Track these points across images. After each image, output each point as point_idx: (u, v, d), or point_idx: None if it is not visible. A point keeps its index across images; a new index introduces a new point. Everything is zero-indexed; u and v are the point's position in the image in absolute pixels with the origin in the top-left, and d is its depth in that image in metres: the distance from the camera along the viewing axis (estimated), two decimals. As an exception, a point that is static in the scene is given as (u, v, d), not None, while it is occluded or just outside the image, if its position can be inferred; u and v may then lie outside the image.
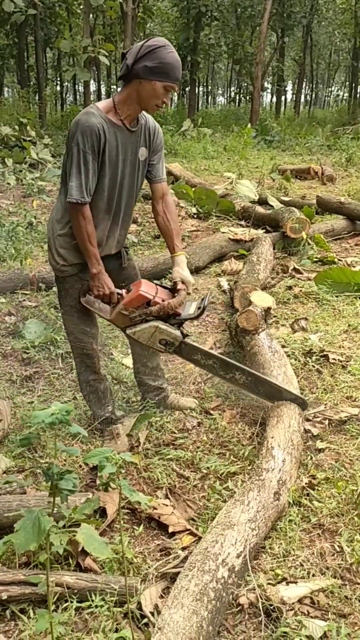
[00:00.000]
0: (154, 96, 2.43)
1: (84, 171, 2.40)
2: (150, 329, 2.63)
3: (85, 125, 2.38)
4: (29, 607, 1.93)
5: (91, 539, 1.45)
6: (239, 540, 2.04)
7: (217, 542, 2.00)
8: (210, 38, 25.61)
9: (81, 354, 2.78)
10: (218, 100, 54.17)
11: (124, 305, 2.61)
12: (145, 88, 2.40)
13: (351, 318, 4.35)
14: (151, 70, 2.36)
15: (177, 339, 2.69)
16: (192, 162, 12.29)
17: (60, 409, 1.42)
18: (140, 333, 2.64)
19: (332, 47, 39.04)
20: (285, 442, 2.59)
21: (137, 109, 2.49)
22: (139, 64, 2.37)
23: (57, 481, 1.48)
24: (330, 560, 2.16)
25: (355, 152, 12.68)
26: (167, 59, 2.38)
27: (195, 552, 1.98)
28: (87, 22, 13.49)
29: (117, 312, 2.63)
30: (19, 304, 4.54)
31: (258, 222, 6.86)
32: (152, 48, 2.36)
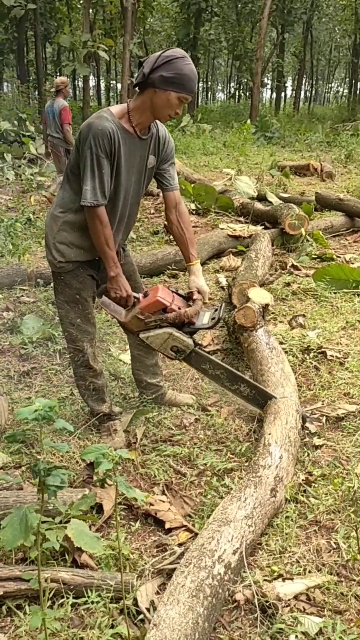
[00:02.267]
0: (168, 106, 2.44)
1: (98, 175, 2.40)
2: (164, 335, 2.64)
3: (98, 129, 2.38)
4: (25, 603, 1.93)
5: (81, 534, 1.44)
6: (235, 537, 2.04)
7: (213, 539, 2.00)
8: (210, 34, 25.56)
9: (75, 350, 2.77)
10: (218, 96, 54.07)
11: (141, 309, 2.61)
12: (160, 98, 2.41)
13: (349, 315, 4.34)
14: (167, 81, 2.37)
15: (189, 347, 2.70)
16: (191, 158, 12.28)
17: (44, 405, 1.42)
18: (153, 338, 2.65)
19: (332, 43, 38.98)
20: (282, 439, 2.58)
21: (150, 117, 2.50)
22: (155, 73, 2.37)
23: (44, 477, 1.47)
24: (327, 556, 2.16)
25: (354, 148, 12.66)
26: (184, 70, 2.39)
27: (191, 549, 1.98)
28: (86, 17, 13.45)
29: (132, 316, 2.63)
30: (17, 300, 4.53)
31: (257, 218, 6.85)
32: (169, 58, 2.37)
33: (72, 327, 2.73)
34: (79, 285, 2.67)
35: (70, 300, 2.69)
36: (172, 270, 5.30)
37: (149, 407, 3.07)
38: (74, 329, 2.73)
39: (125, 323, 2.67)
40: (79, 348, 2.76)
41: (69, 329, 2.75)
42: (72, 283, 2.66)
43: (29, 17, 18.49)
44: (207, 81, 42.69)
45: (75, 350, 2.78)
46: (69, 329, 2.75)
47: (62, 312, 2.75)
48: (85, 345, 2.75)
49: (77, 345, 2.76)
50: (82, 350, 2.76)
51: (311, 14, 26.33)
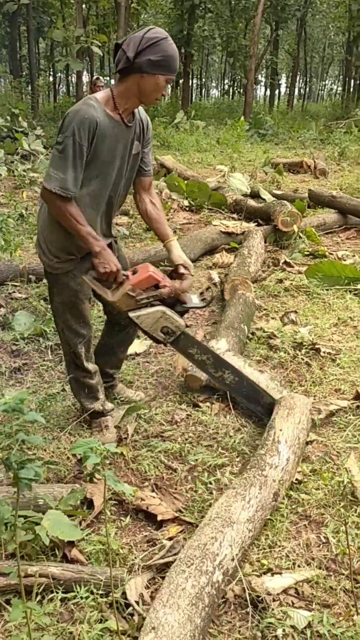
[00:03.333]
0: (157, 90, 2.37)
1: (80, 164, 2.34)
2: (157, 314, 2.51)
3: (84, 117, 2.30)
4: (15, 598, 1.92)
5: (58, 523, 1.44)
6: (236, 542, 2.01)
7: (216, 540, 1.95)
8: (204, 30, 25.50)
9: (69, 352, 2.72)
10: (211, 92, 54.00)
11: (132, 285, 2.47)
12: (149, 82, 2.33)
13: (341, 311, 4.36)
14: (155, 64, 2.29)
15: (180, 328, 2.60)
16: (184, 154, 12.26)
17: (14, 397, 1.41)
18: (144, 317, 2.51)
19: (326, 40, 38.99)
20: (293, 439, 2.53)
21: (136, 102, 2.43)
22: (141, 57, 2.29)
23: (17, 470, 1.46)
24: (316, 551, 2.17)
25: (348, 146, 12.69)
26: (169, 51, 2.32)
27: (192, 544, 1.94)
28: (80, 12, 13.40)
29: (123, 293, 2.48)
30: (9, 296, 4.51)
31: (250, 215, 6.85)
32: (154, 40, 2.28)
33: (68, 329, 2.67)
34: (76, 287, 2.59)
35: (66, 302, 2.61)
36: (166, 267, 5.29)
37: (141, 403, 3.07)
38: (69, 331, 2.67)
39: (115, 302, 2.51)
40: (73, 350, 2.70)
41: (64, 331, 2.69)
42: (69, 284, 2.58)
43: (21, 12, 18.40)
44: (200, 78, 42.63)
45: (69, 352, 2.72)
46: (64, 331, 2.69)
47: (57, 314, 2.69)
48: (79, 347, 2.69)
49: (71, 347, 2.70)
50: (76, 353, 2.70)
51: (305, 11, 26.33)
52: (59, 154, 2.33)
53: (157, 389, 3.30)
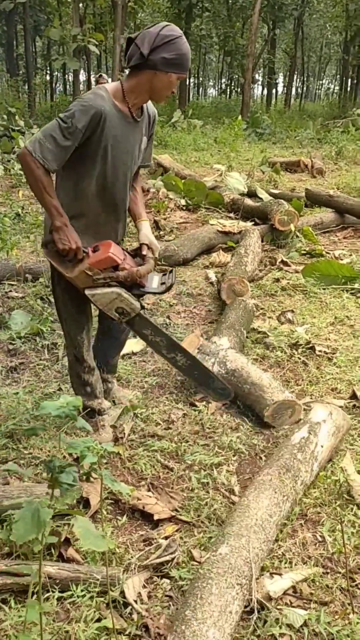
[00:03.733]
0: (168, 88, 2.37)
1: (69, 146, 2.28)
2: (112, 295, 2.50)
3: (89, 104, 2.27)
4: (10, 597, 1.92)
5: (87, 532, 1.44)
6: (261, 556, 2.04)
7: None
8: (201, 29, 25.50)
9: (71, 342, 2.73)
10: (209, 91, 53.98)
11: (90, 265, 2.44)
12: (161, 80, 2.33)
13: (338, 310, 4.36)
14: (169, 62, 2.29)
15: (135, 310, 2.57)
16: (182, 153, 12.25)
17: (69, 403, 1.42)
18: (99, 297, 2.50)
19: (323, 40, 38.99)
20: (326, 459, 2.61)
21: (146, 98, 2.43)
22: (155, 54, 2.28)
23: (57, 474, 1.47)
24: (312, 549, 2.17)
25: (345, 145, 12.70)
26: (183, 50, 2.31)
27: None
28: (76, 11, 13.38)
29: (80, 271, 2.45)
30: (5, 295, 4.51)
31: (247, 214, 6.86)
32: (170, 39, 2.28)
33: (70, 319, 2.68)
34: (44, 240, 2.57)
35: (74, 297, 2.61)
36: (162, 266, 5.29)
37: (137, 403, 3.07)
38: (71, 320, 2.69)
39: (72, 278, 2.48)
40: (74, 340, 2.71)
41: (66, 321, 2.70)
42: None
43: (18, 10, 18.37)
44: (198, 77, 42.60)
45: (70, 342, 2.73)
46: (66, 321, 2.70)
47: (59, 304, 2.70)
48: (79, 337, 2.70)
49: (72, 337, 2.71)
50: (77, 342, 2.71)
51: (302, 11, 26.31)
52: (53, 126, 2.28)
53: (153, 388, 3.30)
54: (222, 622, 1.71)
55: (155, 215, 6.94)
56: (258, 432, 2.94)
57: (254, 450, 2.79)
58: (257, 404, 3.00)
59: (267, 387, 2.98)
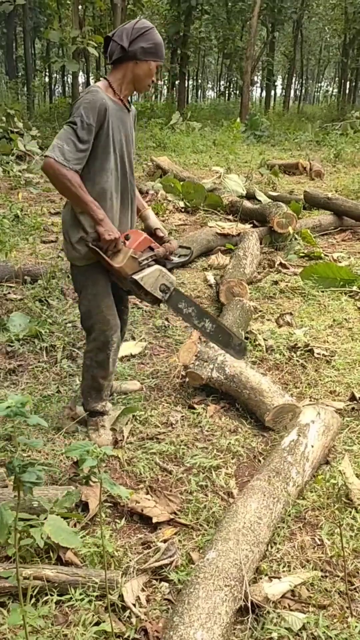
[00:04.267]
0: (149, 75, 2.57)
1: (87, 143, 2.43)
2: (156, 273, 2.66)
3: (93, 100, 2.43)
4: (8, 601, 1.92)
5: (59, 529, 1.44)
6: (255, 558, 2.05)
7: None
8: (200, 32, 25.52)
9: (99, 347, 2.70)
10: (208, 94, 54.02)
11: (134, 249, 2.58)
12: (142, 68, 2.53)
13: (336, 313, 4.37)
14: (147, 51, 2.50)
15: (173, 283, 2.74)
16: (180, 155, 12.25)
17: (16, 401, 1.40)
18: (147, 278, 2.63)
19: (322, 42, 39.09)
20: (318, 460, 2.62)
21: (132, 88, 2.61)
22: (134, 45, 2.48)
23: (19, 474, 1.45)
24: (311, 553, 2.17)
25: (343, 148, 12.71)
26: (157, 39, 2.54)
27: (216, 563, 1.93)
28: (76, 13, 13.39)
29: (127, 257, 2.56)
30: (4, 297, 4.50)
31: (245, 216, 6.86)
32: (144, 30, 2.50)
33: (101, 322, 2.68)
34: (105, 277, 2.67)
35: (101, 292, 2.66)
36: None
37: (135, 404, 3.07)
38: (102, 323, 2.68)
39: (121, 267, 2.57)
40: (100, 346, 2.70)
41: (96, 325, 2.69)
42: (99, 274, 2.65)
43: (18, 12, 18.39)
44: (197, 79, 42.65)
45: (95, 348, 2.71)
46: (96, 325, 2.69)
47: (90, 306, 2.68)
48: (112, 338, 2.71)
49: (102, 339, 2.69)
50: (109, 344, 2.71)
51: (301, 13, 26.39)
52: (66, 131, 2.42)
53: (151, 390, 3.30)
54: (210, 623, 1.70)
55: (154, 218, 6.94)
56: (256, 435, 2.94)
57: (253, 453, 2.79)
58: (257, 409, 3.00)
59: (267, 391, 2.98)
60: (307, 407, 2.86)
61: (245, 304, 4.03)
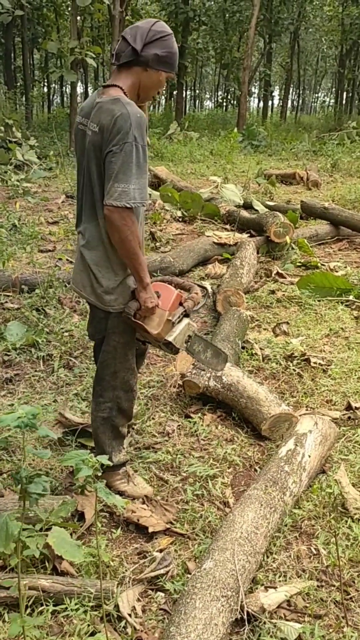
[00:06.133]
0: (158, 86, 2.27)
1: (144, 170, 2.12)
2: (185, 328, 2.42)
3: (139, 117, 2.09)
4: (4, 611, 1.91)
5: (63, 542, 1.44)
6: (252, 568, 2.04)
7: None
8: (198, 42, 25.68)
9: (121, 394, 2.44)
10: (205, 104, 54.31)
11: (169, 311, 2.34)
12: (152, 78, 2.22)
13: (333, 322, 4.38)
14: (161, 60, 2.19)
15: (195, 331, 2.51)
16: (178, 165, 12.31)
17: (27, 412, 1.41)
18: (179, 337, 2.39)
19: (319, 53, 39.36)
20: (315, 470, 2.62)
21: (137, 97, 2.27)
22: (148, 50, 2.16)
23: (26, 485, 1.46)
24: (307, 562, 2.17)
25: (340, 157, 12.78)
26: (174, 48, 2.23)
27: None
28: (74, 24, 13.48)
29: (164, 321, 2.32)
30: (1, 306, 4.50)
31: (243, 226, 6.89)
32: (162, 35, 2.18)
33: (125, 369, 2.42)
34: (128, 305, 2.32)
35: (129, 341, 2.40)
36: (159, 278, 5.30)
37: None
38: (126, 371, 2.42)
39: (159, 333, 2.33)
40: (125, 393, 2.45)
41: (118, 373, 2.41)
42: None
43: (16, 23, 18.50)
44: (194, 89, 42.89)
45: (118, 396, 2.44)
46: (118, 373, 2.41)
47: (116, 355, 2.39)
48: (133, 384, 2.48)
49: (126, 388, 2.45)
50: (132, 389, 2.48)
51: (298, 25, 26.58)
52: (128, 164, 2.07)
53: (148, 399, 3.30)
54: (207, 634, 1.70)
55: (152, 227, 6.97)
56: (253, 444, 2.94)
57: (249, 462, 2.79)
58: (254, 418, 3.00)
59: (264, 400, 2.99)
60: (305, 416, 2.87)
61: (242, 314, 4.04)
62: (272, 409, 2.95)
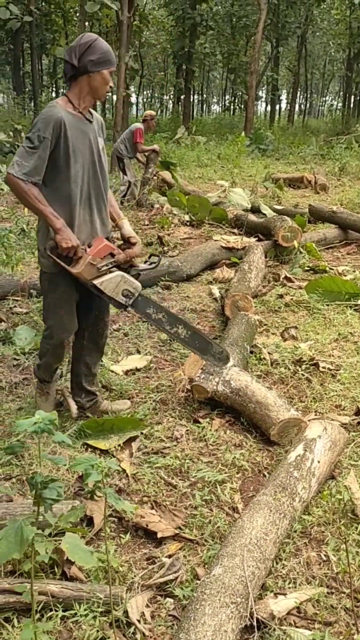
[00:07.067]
0: (105, 84, 2.70)
1: (43, 155, 2.58)
2: (117, 278, 2.80)
3: (48, 115, 2.59)
4: (13, 616, 1.91)
5: (76, 548, 1.44)
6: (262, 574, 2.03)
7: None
8: (205, 47, 25.79)
9: (54, 344, 2.94)
10: (213, 108, 54.42)
11: (93, 255, 2.74)
12: (96, 79, 2.66)
13: (341, 327, 4.36)
14: (96, 62, 2.62)
15: (137, 289, 2.87)
16: (185, 169, 12.33)
17: (44, 418, 1.42)
18: (107, 283, 2.78)
19: (326, 57, 39.38)
20: (324, 475, 2.61)
21: (91, 99, 2.74)
22: (83, 60, 2.61)
23: (41, 490, 1.47)
24: (317, 569, 2.16)
25: (348, 161, 12.77)
26: (104, 47, 2.64)
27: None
28: (82, 30, 13.53)
29: (86, 264, 2.73)
30: (10, 310, 4.52)
31: (250, 230, 6.89)
32: (89, 43, 2.62)
33: (58, 325, 2.90)
34: (68, 286, 2.83)
35: (59, 298, 2.85)
36: (166, 282, 5.32)
37: (139, 417, 3.07)
38: (58, 326, 2.90)
39: (80, 272, 2.75)
40: (56, 343, 2.94)
41: (52, 327, 2.92)
42: (62, 283, 2.81)
43: (25, 29, 18.62)
44: (202, 94, 43.00)
45: (51, 344, 2.95)
46: (52, 327, 2.92)
47: (50, 310, 2.91)
48: (65, 341, 2.96)
49: (56, 341, 2.93)
50: (59, 346, 2.95)
51: (305, 28, 26.61)
52: (25, 146, 2.59)
53: (156, 404, 3.30)
54: None
55: (159, 231, 6.98)
56: (261, 449, 2.93)
57: (258, 468, 2.78)
58: (263, 423, 2.99)
59: (273, 405, 2.98)
60: (314, 422, 2.85)
61: (251, 318, 4.04)
62: (281, 414, 2.94)
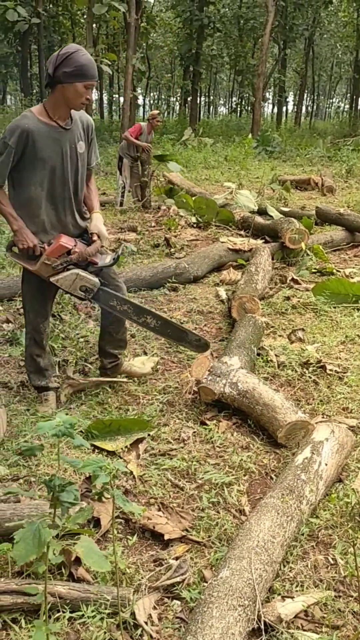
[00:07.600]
0: (78, 96, 2.73)
1: (7, 162, 2.73)
2: (72, 276, 2.95)
3: (15, 125, 2.74)
4: (20, 617, 1.92)
5: (91, 551, 1.45)
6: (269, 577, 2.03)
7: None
8: (212, 49, 25.82)
9: (32, 330, 3.14)
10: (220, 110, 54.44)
11: (47, 255, 2.88)
12: (69, 90, 2.71)
13: (349, 329, 4.35)
14: (70, 75, 2.67)
15: (95, 285, 3.01)
16: (192, 171, 12.34)
17: (65, 421, 1.43)
18: (62, 280, 2.94)
19: (333, 59, 39.35)
20: (331, 479, 2.60)
21: (67, 109, 2.81)
22: (58, 71, 2.67)
23: (58, 493, 1.48)
24: (324, 572, 2.15)
25: (355, 163, 12.75)
26: (81, 61, 2.66)
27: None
28: (90, 32, 13.58)
29: (41, 263, 2.89)
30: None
31: (257, 232, 6.88)
32: (66, 55, 2.66)
33: (32, 310, 3.12)
34: (39, 279, 2.99)
35: (34, 288, 3.06)
36: (172, 283, 5.32)
37: (145, 417, 3.07)
38: (33, 312, 3.12)
39: (36, 270, 2.92)
40: (34, 328, 3.14)
41: (29, 313, 3.13)
42: (33, 276, 2.99)
43: (32, 31, 18.68)
44: (209, 95, 43.03)
45: (30, 330, 3.15)
46: (29, 313, 3.13)
47: (26, 297, 3.14)
48: (42, 326, 3.15)
49: (32, 326, 3.14)
50: (36, 331, 3.14)
51: (313, 31, 26.59)
52: None
53: (163, 406, 3.30)
54: None
55: (166, 233, 6.99)
56: (269, 452, 2.93)
57: (265, 470, 2.78)
58: (270, 425, 2.99)
59: (280, 407, 2.98)
60: (321, 424, 2.85)
61: (258, 320, 4.03)
62: (288, 417, 2.93)
